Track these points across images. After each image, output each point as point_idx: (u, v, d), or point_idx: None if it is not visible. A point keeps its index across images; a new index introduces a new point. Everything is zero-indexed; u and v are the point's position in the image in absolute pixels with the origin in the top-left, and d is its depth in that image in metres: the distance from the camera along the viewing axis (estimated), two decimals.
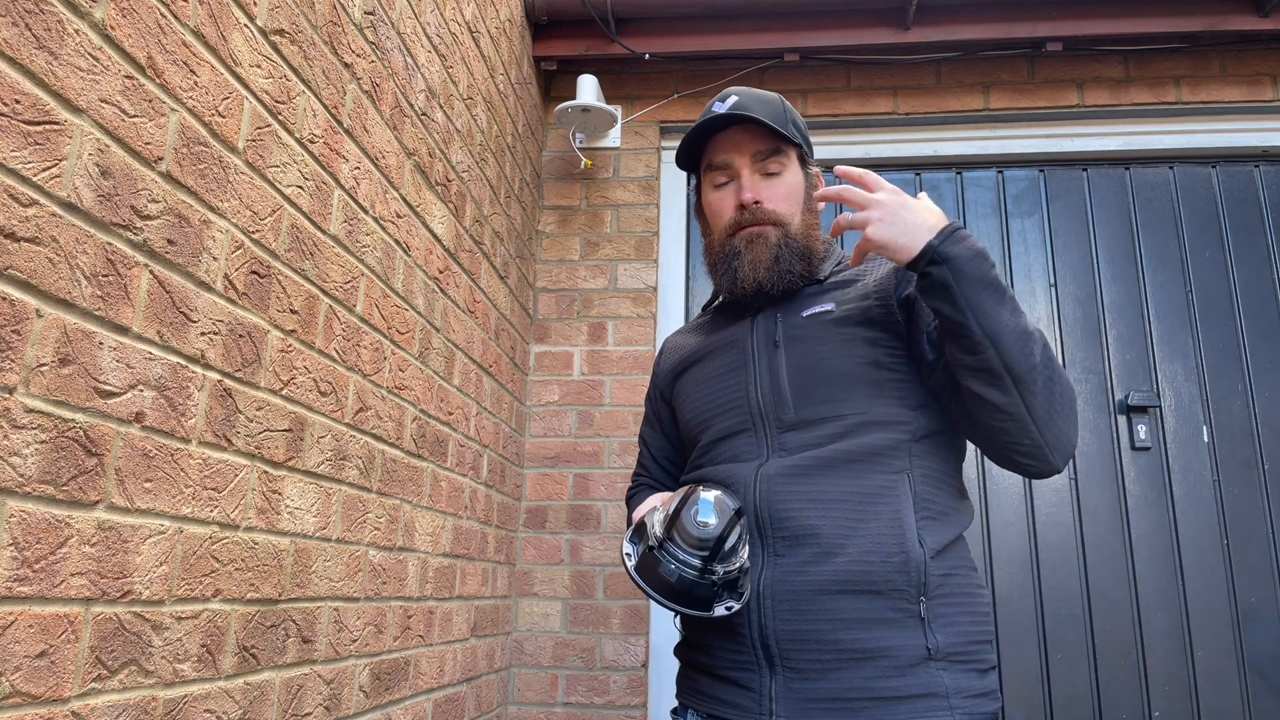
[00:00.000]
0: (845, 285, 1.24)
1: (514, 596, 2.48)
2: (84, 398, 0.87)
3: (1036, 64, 2.73)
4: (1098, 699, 2.35)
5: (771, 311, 1.24)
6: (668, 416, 1.39)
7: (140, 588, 0.95)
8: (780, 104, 1.27)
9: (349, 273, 1.44)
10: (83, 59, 0.86)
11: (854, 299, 1.20)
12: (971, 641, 1.06)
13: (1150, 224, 2.68)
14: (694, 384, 1.29)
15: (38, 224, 0.81)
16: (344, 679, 1.43)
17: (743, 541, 1.03)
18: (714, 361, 1.27)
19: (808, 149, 1.30)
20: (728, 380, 1.23)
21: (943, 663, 1.02)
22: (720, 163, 1.27)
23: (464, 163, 2.02)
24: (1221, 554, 2.41)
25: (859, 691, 1.01)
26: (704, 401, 1.25)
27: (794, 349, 1.18)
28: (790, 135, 1.23)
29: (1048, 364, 1.03)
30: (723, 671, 1.12)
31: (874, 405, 1.12)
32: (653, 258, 2.73)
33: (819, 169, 1.32)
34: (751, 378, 1.20)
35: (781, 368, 1.17)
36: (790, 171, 1.25)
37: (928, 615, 1.03)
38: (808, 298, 1.23)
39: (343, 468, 1.42)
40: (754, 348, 1.22)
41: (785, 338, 1.20)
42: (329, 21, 1.36)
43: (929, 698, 1.00)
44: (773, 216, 1.22)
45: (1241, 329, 2.56)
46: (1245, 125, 2.68)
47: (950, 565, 1.08)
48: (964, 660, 1.05)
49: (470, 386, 2.07)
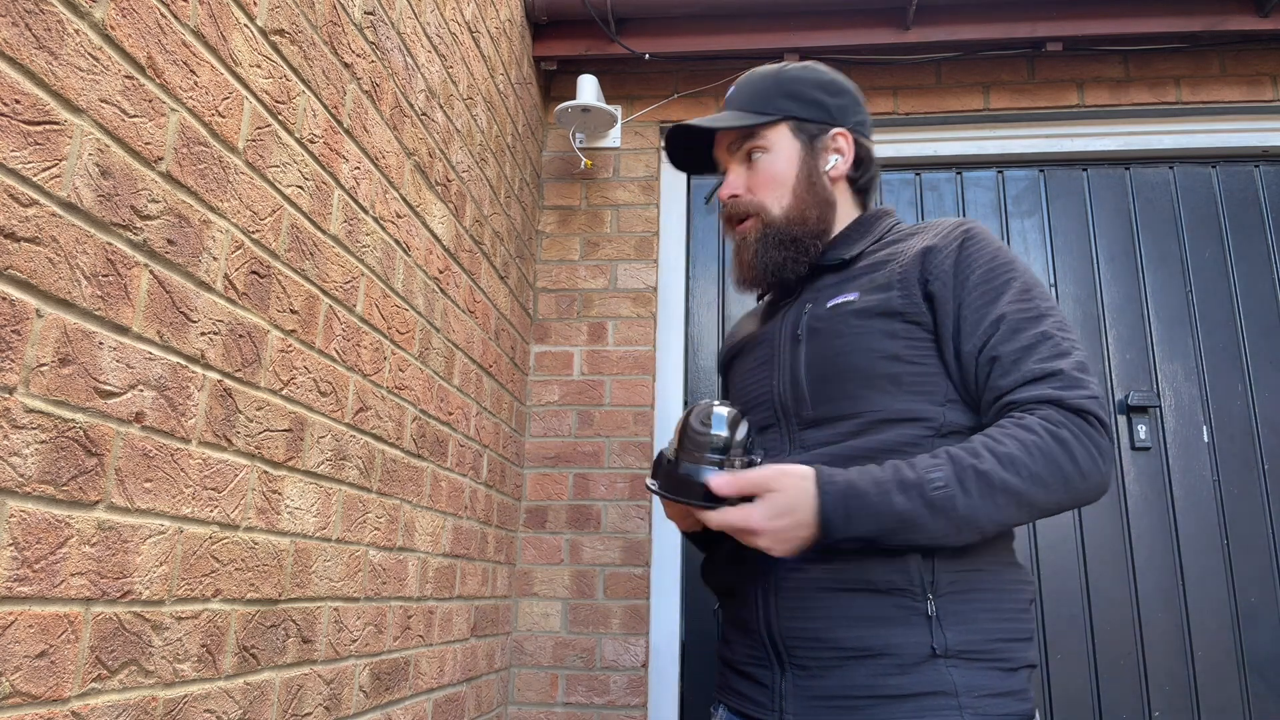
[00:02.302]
0: (878, 267, 1.16)
1: (514, 596, 2.48)
2: (84, 398, 0.87)
3: (1036, 64, 2.73)
4: (1098, 699, 2.35)
5: (804, 300, 1.20)
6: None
7: (140, 588, 0.95)
8: (774, 77, 1.22)
9: (349, 273, 1.44)
10: (83, 59, 0.86)
11: (878, 287, 1.13)
12: (995, 639, 1.02)
13: (1150, 224, 2.68)
14: (736, 377, 1.28)
15: (38, 224, 0.81)
16: (344, 679, 1.43)
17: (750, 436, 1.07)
18: (751, 355, 1.25)
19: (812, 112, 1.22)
20: (758, 375, 1.21)
21: (954, 660, 0.99)
22: (717, 160, 1.27)
23: (464, 163, 2.02)
24: (1221, 554, 2.41)
25: (862, 689, 1.00)
26: (741, 396, 1.24)
27: (813, 343, 1.14)
28: (769, 110, 1.19)
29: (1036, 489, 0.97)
30: (743, 666, 1.12)
31: (894, 401, 1.07)
32: (653, 258, 2.73)
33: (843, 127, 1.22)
34: (775, 373, 1.18)
35: (800, 363, 1.14)
36: (775, 151, 1.20)
37: (937, 613, 1.00)
38: (838, 284, 1.17)
39: (343, 468, 1.42)
40: (780, 341, 1.19)
41: (807, 330, 1.15)
42: (329, 21, 1.36)
43: (936, 695, 0.97)
44: (747, 208, 1.20)
45: (1241, 329, 2.56)
46: (1245, 125, 2.68)
47: (972, 563, 1.03)
48: (982, 658, 1.01)
49: (470, 386, 2.07)
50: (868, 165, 1.25)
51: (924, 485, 0.96)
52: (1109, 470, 1.00)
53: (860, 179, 1.25)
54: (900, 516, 0.96)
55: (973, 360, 1.07)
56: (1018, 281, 1.09)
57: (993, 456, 0.97)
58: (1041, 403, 1.00)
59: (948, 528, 0.96)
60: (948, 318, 1.09)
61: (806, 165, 1.21)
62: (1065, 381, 1.00)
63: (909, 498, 0.96)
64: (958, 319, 1.08)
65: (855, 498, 0.97)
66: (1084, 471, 0.98)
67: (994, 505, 0.96)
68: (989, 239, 1.14)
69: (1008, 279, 1.09)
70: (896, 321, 1.10)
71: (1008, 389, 1.03)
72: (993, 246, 1.13)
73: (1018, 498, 0.96)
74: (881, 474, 0.98)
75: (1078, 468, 0.97)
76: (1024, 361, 1.03)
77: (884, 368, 1.08)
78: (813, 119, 1.22)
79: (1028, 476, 0.96)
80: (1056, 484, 0.97)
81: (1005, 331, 1.05)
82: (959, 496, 0.96)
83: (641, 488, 2.54)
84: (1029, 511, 0.98)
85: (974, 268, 1.10)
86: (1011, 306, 1.06)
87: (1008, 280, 1.09)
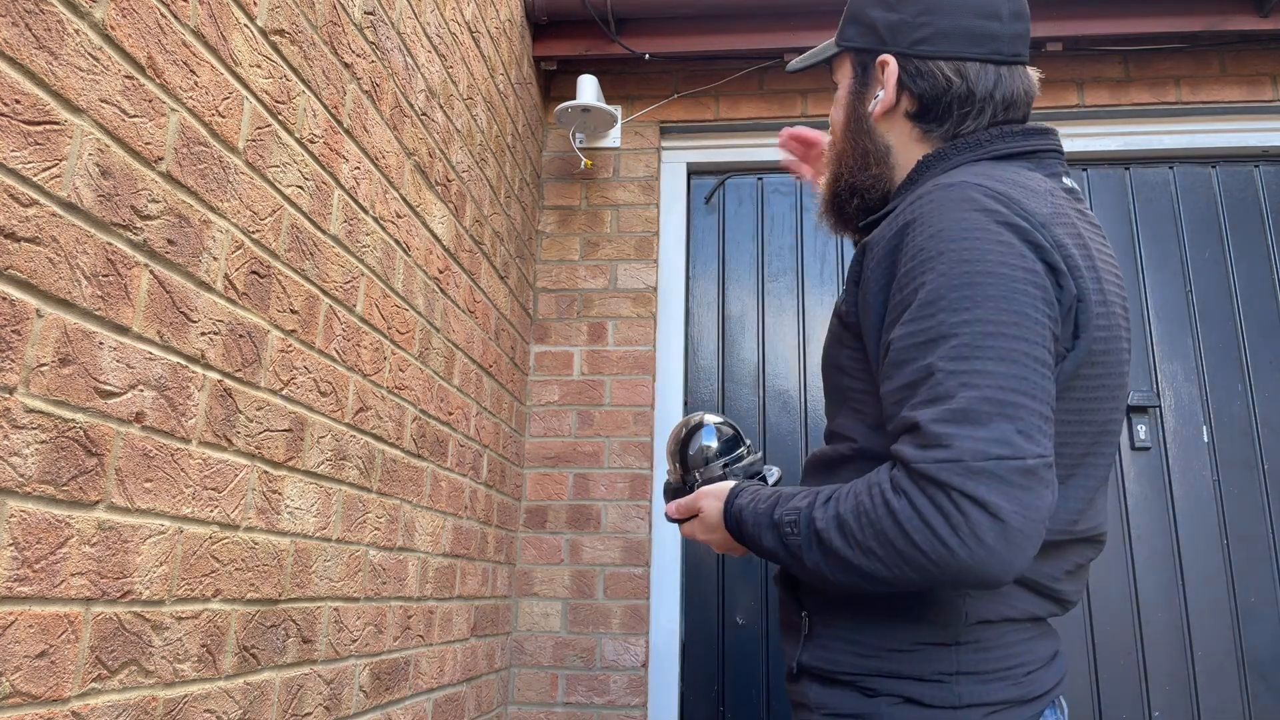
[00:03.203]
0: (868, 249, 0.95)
1: (514, 596, 2.48)
2: (84, 398, 0.87)
3: (1036, 64, 2.73)
4: (1098, 699, 2.35)
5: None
6: None
7: (140, 588, 0.95)
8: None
9: (349, 273, 1.44)
10: (83, 59, 0.86)
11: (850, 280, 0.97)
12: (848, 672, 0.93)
13: (1150, 224, 2.68)
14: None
15: (38, 224, 0.81)
16: (344, 679, 1.43)
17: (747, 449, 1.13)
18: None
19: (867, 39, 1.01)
20: None
21: (812, 679, 0.97)
22: None
23: (464, 163, 2.02)
24: (1221, 554, 2.41)
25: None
26: None
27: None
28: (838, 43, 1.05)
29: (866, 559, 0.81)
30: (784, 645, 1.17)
31: (837, 414, 0.99)
32: (653, 258, 2.73)
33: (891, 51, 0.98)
34: None
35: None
36: (840, 90, 1.06)
37: (809, 630, 0.97)
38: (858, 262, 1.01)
39: (343, 468, 1.42)
40: None
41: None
42: (329, 21, 1.36)
43: (801, 707, 0.98)
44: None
45: (1241, 329, 2.56)
46: (1245, 125, 2.68)
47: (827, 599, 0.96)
48: (838, 684, 0.93)
49: (470, 386, 2.07)
50: (941, 95, 0.96)
51: (781, 528, 0.90)
52: (981, 549, 0.75)
53: (932, 113, 0.97)
54: (768, 553, 0.94)
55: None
56: (927, 287, 0.83)
57: (833, 515, 0.84)
58: (895, 461, 0.82)
59: (802, 570, 0.89)
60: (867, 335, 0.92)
61: (849, 107, 1.04)
62: (920, 439, 0.78)
63: (772, 537, 0.91)
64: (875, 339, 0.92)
65: (742, 524, 0.97)
66: (922, 549, 0.77)
67: (829, 567, 0.84)
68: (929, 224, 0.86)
69: (917, 285, 0.84)
70: (844, 329, 0.96)
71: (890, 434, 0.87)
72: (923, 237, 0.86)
73: (846, 564, 0.83)
74: (764, 506, 0.94)
75: (910, 543, 0.78)
76: (899, 406, 0.83)
77: (833, 377, 0.99)
78: (866, 46, 1.02)
79: (854, 544, 0.82)
80: (890, 558, 0.80)
81: (890, 365, 0.85)
82: (804, 548, 0.87)
83: (641, 488, 2.54)
84: (872, 582, 0.82)
85: (895, 272, 0.88)
86: (905, 329, 0.83)
87: (916, 288, 0.84)
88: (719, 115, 2.82)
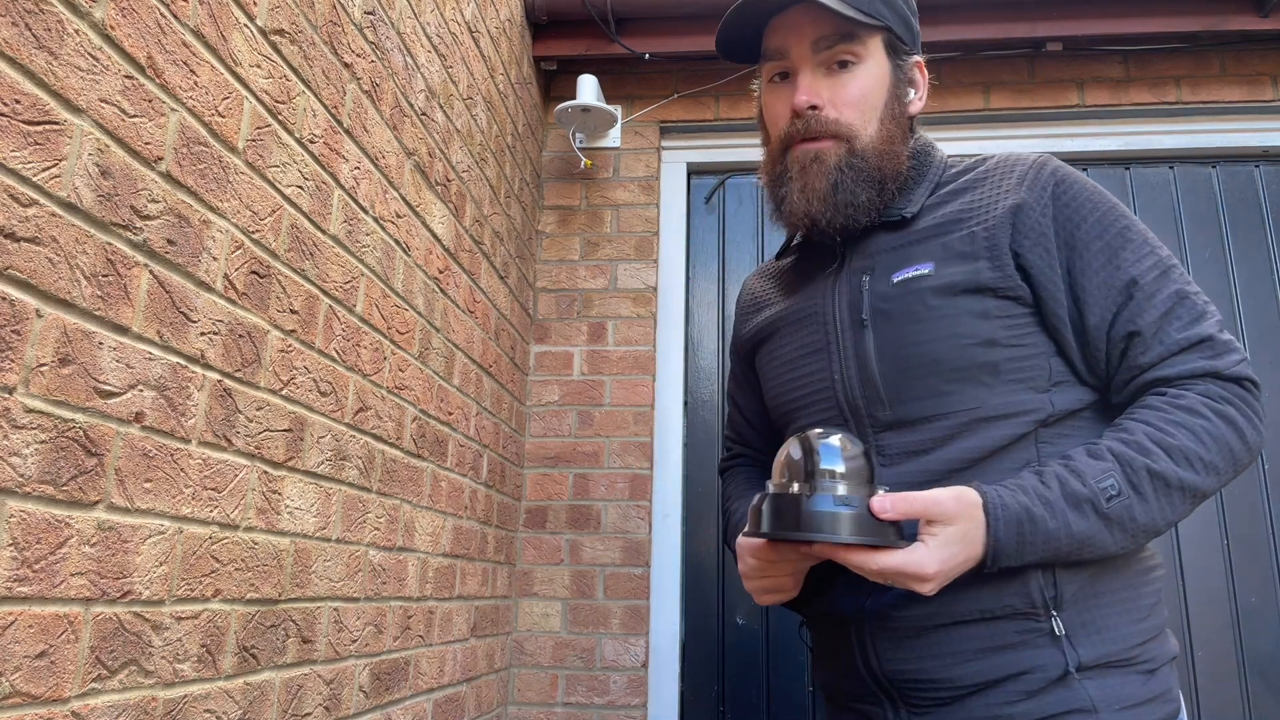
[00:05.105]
0: (947, 227, 0.97)
1: (514, 596, 2.48)
2: (84, 398, 0.87)
3: (1036, 64, 2.73)
4: None
5: (857, 266, 1.01)
6: (755, 380, 1.18)
7: (140, 588, 0.95)
8: None
9: (349, 273, 1.44)
10: (83, 59, 0.86)
11: (958, 255, 0.94)
12: (1133, 645, 0.90)
13: (1150, 224, 2.68)
14: (775, 364, 1.09)
15: (38, 224, 0.81)
16: (344, 679, 1.43)
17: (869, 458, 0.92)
18: (794, 338, 1.06)
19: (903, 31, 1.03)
20: (810, 365, 1.03)
21: (1090, 673, 0.87)
22: (774, 50, 1.02)
23: (464, 163, 2.02)
24: (1221, 554, 2.41)
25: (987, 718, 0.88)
26: (786, 388, 1.06)
27: (884, 329, 0.96)
28: (873, 13, 0.97)
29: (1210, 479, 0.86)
30: (848, 703, 1.01)
31: (990, 395, 0.91)
32: (653, 258, 2.73)
33: (921, 56, 1.06)
34: (837, 365, 1.00)
35: (870, 353, 0.96)
36: (869, 64, 1.00)
37: (1065, 629, 0.88)
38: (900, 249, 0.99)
39: (343, 468, 1.42)
40: (837, 325, 1.01)
41: (872, 312, 0.97)
42: (329, 21, 1.36)
43: (1070, 714, 0.86)
44: (833, 128, 0.98)
45: (1241, 329, 2.56)
46: (1245, 125, 2.68)
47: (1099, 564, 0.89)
48: (1122, 666, 0.89)
49: (470, 386, 2.07)
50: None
51: (1098, 498, 0.84)
52: (1263, 433, 0.90)
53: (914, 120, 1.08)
54: (1077, 538, 0.84)
55: (1102, 335, 0.92)
56: (1134, 231, 0.94)
57: (1164, 452, 0.85)
58: (1197, 376, 0.89)
59: (1124, 540, 0.85)
60: (1057, 288, 0.93)
61: (894, 92, 1.03)
62: (1216, 348, 0.89)
63: (1084, 515, 0.84)
64: (1073, 288, 0.93)
65: (1029, 523, 0.84)
66: (1251, 447, 0.88)
67: (1171, 507, 0.86)
68: (1081, 181, 0.97)
69: (1122, 229, 0.94)
70: (989, 299, 0.93)
71: (1151, 364, 0.90)
72: (1089, 189, 0.96)
73: (1194, 493, 0.86)
74: (1046, 490, 0.85)
75: (1246, 445, 0.87)
76: (1166, 331, 0.90)
77: (978, 356, 0.92)
78: (902, 38, 1.03)
79: (1203, 468, 0.85)
80: (1228, 469, 0.87)
81: (1139, 299, 0.91)
82: (1136, 505, 0.84)
83: (641, 488, 2.53)
84: (1199, 504, 0.88)
85: (1079, 222, 0.94)
86: (1138, 267, 0.92)
87: (1122, 231, 0.93)
88: (719, 115, 2.82)
